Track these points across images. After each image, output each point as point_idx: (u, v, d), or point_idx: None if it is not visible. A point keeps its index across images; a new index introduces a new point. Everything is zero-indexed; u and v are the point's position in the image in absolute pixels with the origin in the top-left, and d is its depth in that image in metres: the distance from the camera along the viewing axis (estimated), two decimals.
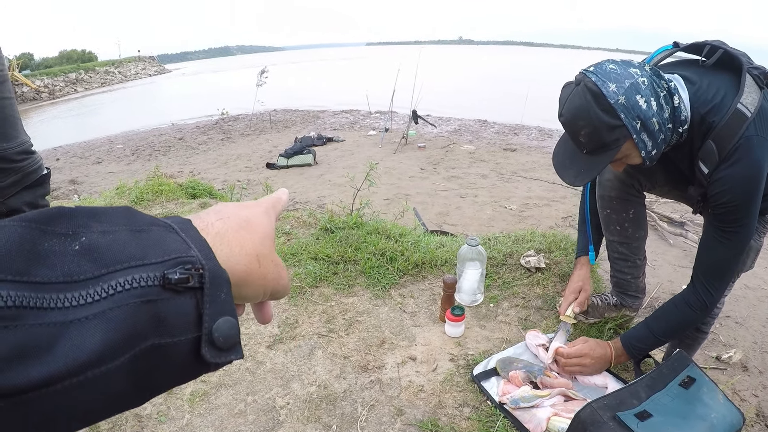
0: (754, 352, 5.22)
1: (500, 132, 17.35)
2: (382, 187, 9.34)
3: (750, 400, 4.46)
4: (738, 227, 1.99)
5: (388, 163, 11.57)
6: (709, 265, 2.14)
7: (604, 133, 1.82)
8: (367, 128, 16.66)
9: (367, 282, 3.00)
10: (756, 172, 1.89)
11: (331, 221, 3.53)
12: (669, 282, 6.41)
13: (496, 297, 2.96)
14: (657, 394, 1.98)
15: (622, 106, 1.79)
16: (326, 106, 21.59)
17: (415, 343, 2.56)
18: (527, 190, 9.90)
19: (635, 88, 1.81)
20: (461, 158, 12.58)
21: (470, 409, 2.19)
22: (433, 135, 15.66)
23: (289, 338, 2.57)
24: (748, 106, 1.88)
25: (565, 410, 2.08)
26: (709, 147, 1.93)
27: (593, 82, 1.81)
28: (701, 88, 1.95)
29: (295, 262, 3.14)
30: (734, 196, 1.91)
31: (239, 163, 11.86)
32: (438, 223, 7.63)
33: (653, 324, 2.30)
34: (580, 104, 1.82)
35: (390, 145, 13.35)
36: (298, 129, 16.35)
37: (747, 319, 5.86)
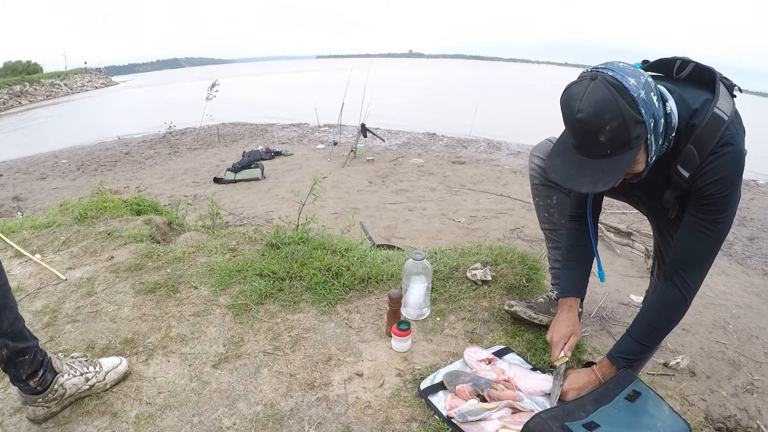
0: (701, 357, 5.30)
1: (449, 145, 17.48)
2: (330, 201, 9.34)
3: (698, 405, 4.53)
4: (722, 217, 2.02)
5: (336, 176, 11.58)
6: (688, 257, 2.16)
7: (630, 127, 1.73)
8: (315, 142, 16.67)
9: (313, 298, 2.96)
10: (740, 163, 1.94)
11: (277, 237, 3.50)
12: (617, 291, 6.50)
13: (443, 310, 2.94)
14: (604, 407, 2.01)
15: (643, 101, 1.74)
16: (275, 119, 21.54)
17: (362, 359, 2.54)
18: (475, 202, 9.98)
19: (649, 86, 1.79)
20: (410, 171, 12.65)
21: (418, 424, 2.17)
22: (381, 148, 15.71)
23: (234, 357, 2.53)
24: (724, 110, 1.92)
25: (512, 422, 2.08)
26: (690, 151, 1.96)
27: (611, 76, 1.74)
28: (681, 97, 1.98)
29: (240, 279, 3.10)
30: (721, 186, 1.94)
31: (186, 178, 11.76)
32: (386, 236, 7.64)
33: (636, 332, 2.31)
34: (604, 96, 1.71)
35: (339, 158, 13.35)
36: (246, 143, 16.30)
37: (693, 326, 5.95)
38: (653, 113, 1.77)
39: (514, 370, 2.42)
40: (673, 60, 2.14)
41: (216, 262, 3.27)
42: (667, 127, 1.91)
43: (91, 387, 2.26)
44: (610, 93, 1.70)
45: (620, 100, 1.70)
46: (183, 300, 2.93)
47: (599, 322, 5.68)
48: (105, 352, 2.55)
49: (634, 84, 1.73)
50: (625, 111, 1.70)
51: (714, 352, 5.59)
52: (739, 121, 1.99)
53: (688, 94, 2.00)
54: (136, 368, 2.44)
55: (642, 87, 1.74)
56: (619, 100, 1.70)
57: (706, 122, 1.91)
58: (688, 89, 2.02)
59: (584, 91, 1.75)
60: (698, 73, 2.07)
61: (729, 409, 4.66)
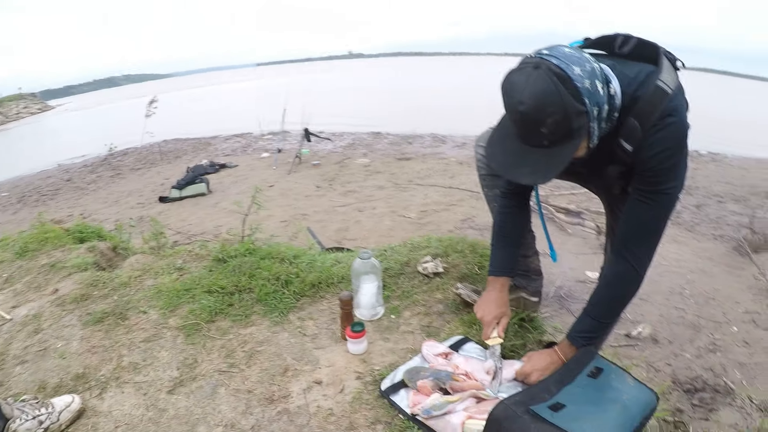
0: (662, 324, 5.37)
1: (394, 142, 17.50)
2: (278, 209, 9.28)
3: (664, 370, 4.58)
4: (667, 189, 2.01)
5: (283, 184, 11.52)
6: (637, 231, 2.15)
7: (573, 120, 1.71)
8: (260, 151, 16.52)
9: (264, 309, 2.91)
10: (683, 134, 1.94)
11: (224, 251, 3.43)
12: (571, 269, 6.55)
13: (397, 307, 2.93)
14: (567, 387, 2.00)
15: (587, 91, 1.71)
16: (217, 131, 21.25)
17: (319, 366, 2.50)
18: (424, 197, 9.99)
19: (594, 74, 1.76)
20: (357, 172, 12.64)
21: (383, 425, 2.15)
22: (327, 151, 15.67)
23: (189, 380, 2.47)
24: (667, 83, 1.90)
25: (478, 412, 2.06)
26: (632, 124, 1.94)
27: (555, 65, 1.68)
28: (623, 72, 1.95)
29: (189, 298, 3.03)
30: (664, 158, 1.94)
31: (131, 200, 11.57)
32: (338, 239, 7.60)
33: (593, 310, 2.31)
34: (546, 88, 1.66)
35: (284, 165, 13.26)
36: (189, 158, 16.08)
37: (651, 295, 6.01)
38: (597, 102, 1.75)
39: (471, 364, 2.40)
40: (614, 36, 2.12)
41: (163, 284, 3.19)
42: (611, 109, 1.88)
43: (46, 430, 2.19)
44: (553, 84, 1.66)
45: (563, 91, 1.66)
46: (132, 326, 2.85)
47: (558, 302, 5.70)
48: (57, 391, 2.47)
49: (579, 73, 1.69)
50: (567, 103, 1.67)
51: (674, 318, 5.65)
52: (682, 94, 1.98)
53: (630, 69, 1.98)
54: (90, 404, 2.37)
55: (587, 76, 1.71)
56: (563, 92, 1.66)
57: (649, 95, 1.89)
58: (631, 64, 2.01)
59: (527, 81, 1.70)
60: (641, 48, 2.06)
61: (695, 370, 4.71)
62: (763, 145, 20.22)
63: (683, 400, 4.31)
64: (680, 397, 4.37)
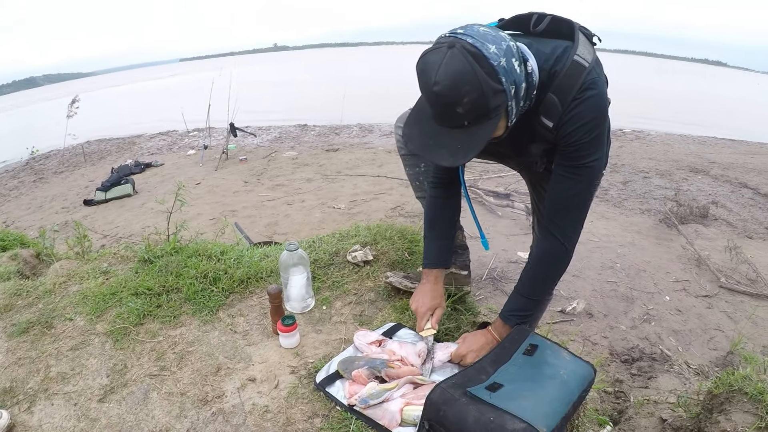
0: (595, 299, 5.47)
1: (321, 134, 17.53)
2: (206, 207, 9.20)
3: (601, 343, 4.65)
4: (589, 162, 2.02)
5: (210, 181, 11.41)
6: (562, 206, 2.15)
7: (489, 99, 1.68)
8: (186, 148, 16.33)
9: (193, 309, 2.84)
10: (603, 107, 1.96)
11: (149, 251, 3.35)
12: (503, 251, 6.62)
13: (328, 298, 2.90)
14: (503, 366, 2.01)
15: (503, 69, 1.69)
16: (142, 130, 20.87)
17: (252, 363, 2.46)
18: (353, 187, 10.01)
19: (510, 52, 1.74)
20: (284, 165, 12.60)
21: (320, 419, 2.12)
22: (254, 146, 15.59)
23: (120, 386, 2.39)
24: (584, 57, 1.91)
25: (416, 397, 2.06)
26: (551, 100, 1.94)
27: (470, 43, 1.66)
28: (539, 50, 1.95)
29: (116, 302, 2.93)
30: (585, 132, 1.94)
31: (55, 205, 11.28)
32: (268, 234, 7.57)
33: (524, 288, 2.31)
34: (461, 68, 1.64)
35: (211, 162, 13.14)
36: (114, 159, 15.76)
37: (583, 271, 6.11)
38: (514, 80, 1.74)
39: (406, 349, 2.39)
40: (529, 15, 2.12)
41: (89, 289, 3.09)
42: (529, 87, 1.87)
43: None
44: (468, 63, 1.65)
45: (479, 70, 1.65)
46: (59, 335, 2.75)
47: (492, 283, 5.75)
48: None
49: (495, 52, 1.68)
50: (483, 82, 1.66)
51: (607, 292, 5.76)
52: (600, 68, 1.99)
53: (546, 45, 1.99)
54: (19, 419, 2.27)
55: (503, 54, 1.70)
56: (478, 71, 1.65)
57: (566, 70, 1.90)
58: (547, 42, 2.01)
59: (441, 61, 1.68)
60: (556, 25, 2.06)
61: (631, 341, 4.80)
62: (684, 121, 20.77)
63: (622, 371, 4.38)
64: (619, 367, 4.45)
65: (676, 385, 4.01)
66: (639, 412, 3.51)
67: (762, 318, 5.49)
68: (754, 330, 5.25)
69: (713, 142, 17.50)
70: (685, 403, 3.27)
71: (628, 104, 22.36)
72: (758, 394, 2.44)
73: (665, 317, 5.36)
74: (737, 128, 20.75)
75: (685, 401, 3.30)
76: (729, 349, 4.77)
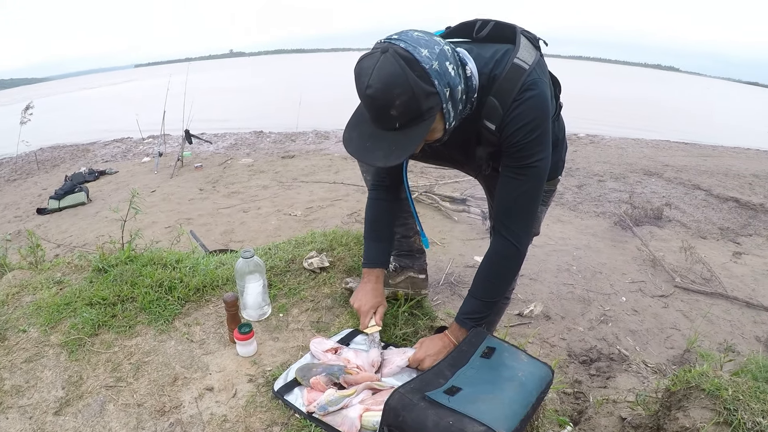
0: (553, 301, 5.52)
1: (277, 141, 17.48)
2: (161, 215, 9.12)
3: (559, 345, 4.69)
4: (535, 161, 2.04)
5: (165, 188, 11.30)
6: (511, 206, 2.18)
7: (421, 101, 1.73)
8: (140, 155, 16.13)
9: (148, 318, 2.80)
10: (544, 106, 1.98)
11: (104, 260, 3.30)
12: (460, 256, 6.65)
13: (285, 305, 2.89)
14: (461, 370, 2.02)
15: (436, 72, 1.73)
16: (97, 137, 20.57)
17: (210, 372, 2.43)
18: (310, 194, 10.02)
19: (444, 55, 1.78)
20: (240, 172, 12.55)
21: (279, 427, 2.11)
22: (209, 153, 15.48)
23: (75, 398, 2.34)
24: (525, 59, 1.95)
25: (375, 403, 2.06)
26: (492, 103, 1.98)
27: (403, 48, 1.71)
28: (480, 54, 2.00)
29: (70, 312, 2.87)
30: (527, 131, 1.97)
31: (7, 214, 11.07)
32: (224, 242, 7.54)
33: (477, 291, 2.33)
34: (393, 71, 1.69)
35: (166, 169, 13.00)
36: (68, 166, 15.51)
37: (540, 274, 6.17)
38: (448, 83, 1.78)
39: (361, 357, 2.40)
40: (473, 22, 2.16)
41: (43, 299, 3.03)
42: (468, 90, 1.92)
43: None
44: (399, 67, 1.69)
45: (410, 73, 1.69)
46: (12, 347, 2.69)
47: (449, 288, 5.77)
48: None
49: (427, 55, 1.72)
50: (414, 85, 1.70)
51: (564, 294, 5.82)
52: (542, 69, 2.03)
53: (487, 50, 2.03)
54: None
55: (435, 57, 1.74)
56: (409, 74, 1.69)
57: (506, 73, 1.94)
58: (488, 46, 2.05)
59: (374, 66, 1.73)
60: (499, 30, 2.10)
61: (588, 342, 4.85)
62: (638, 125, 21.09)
63: (580, 371, 4.42)
64: (577, 368, 4.48)
65: (634, 384, 4.06)
66: (598, 412, 3.54)
67: (717, 316, 5.59)
68: (710, 328, 5.34)
69: (666, 145, 17.80)
70: (644, 401, 3.30)
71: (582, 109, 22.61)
72: (715, 390, 2.47)
73: (622, 318, 5.42)
74: (690, 131, 21.13)
75: (643, 399, 3.34)
76: (686, 347, 4.84)
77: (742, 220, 9.39)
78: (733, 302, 6.03)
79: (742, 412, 2.35)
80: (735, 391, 2.46)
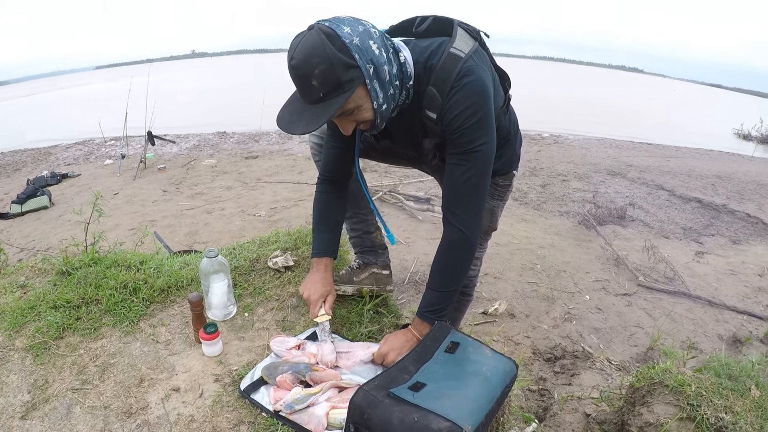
0: (517, 299, 5.56)
1: (240, 141, 17.43)
2: (125, 217, 9.04)
3: (524, 342, 4.72)
4: (478, 146, 2.08)
5: (128, 191, 11.19)
6: (456, 194, 2.20)
7: (339, 70, 1.81)
8: (103, 158, 15.97)
9: (113, 320, 2.78)
10: (482, 91, 2.01)
11: (67, 263, 3.27)
12: (425, 255, 6.68)
13: (250, 305, 2.89)
14: (426, 365, 2.03)
15: (356, 47, 1.83)
16: (58, 140, 20.26)
17: (176, 373, 2.43)
18: (273, 194, 10.00)
19: (368, 34, 1.89)
20: (203, 173, 12.49)
21: (246, 426, 2.11)
22: (172, 154, 15.37)
23: (42, 402, 2.32)
24: (461, 49, 2.00)
25: (341, 401, 2.09)
26: (431, 92, 2.05)
27: (326, 26, 1.82)
28: (417, 45, 2.09)
29: (34, 316, 2.84)
30: (467, 116, 2.01)
31: None
32: (188, 243, 7.50)
33: (433, 282, 2.36)
34: (313, 43, 1.80)
35: (129, 171, 12.89)
36: (29, 170, 15.29)
37: (504, 273, 6.21)
38: (371, 59, 1.88)
39: (323, 348, 2.43)
40: (414, 18, 2.24)
41: (6, 303, 2.99)
42: (402, 76, 2.02)
43: None
44: (320, 40, 1.80)
45: (328, 45, 1.80)
46: None
47: (414, 287, 5.79)
48: None
49: (348, 31, 1.84)
50: (332, 55, 1.80)
51: (528, 292, 5.86)
52: (481, 58, 2.09)
53: (424, 42, 2.12)
54: None
55: (357, 34, 1.85)
56: (327, 46, 1.79)
57: (442, 62, 2.00)
58: (426, 40, 2.14)
59: (300, 41, 1.84)
60: (437, 24, 2.19)
61: (553, 339, 4.89)
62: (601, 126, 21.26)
63: (545, 369, 4.45)
64: (542, 366, 4.52)
65: (598, 381, 4.09)
66: (563, 409, 3.57)
67: (680, 314, 5.66)
68: (673, 326, 5.41)
69: (630, 146, 18.00)
70: (608, 398, 3.35)
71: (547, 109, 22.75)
72: (679, 386, 2.51)
73: (586, 316, 5.47)
74: (653, 132, 21.35)
75: (607, 396, 3.38)
76: (649, 345, 4.90)
77: (704, 221, 9.52)
78: (695, 301, 6.12)
79: (705, 408, 2.39)
80: (698, 387, 2.50)
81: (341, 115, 2.00)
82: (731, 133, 25.92)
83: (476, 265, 3.16)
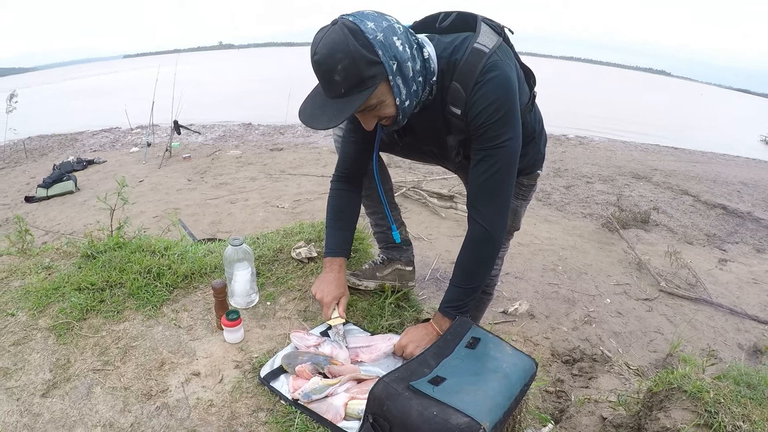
0: (537, 300, 5.53)
1: (266, 133, 17.46)
2: (150, 204, 9.07)
3: (543, 343, 4.70)
4: (503, 141, 2.06)
5: (153, 178, 11.26)
6: (482, 190, 2.19)
7: (362, 66, 1.81)
8: (129, 145, 16.08)
9: (136, 304, 2.80)
10: (507, 86, 2.00)
11: (92, 246, 3.29)
12: (447, 252, 6.66)
13: (272, 294, 2.90)
14: (446, 359, 2.02)
15: (380, 43, 1.82)
16: (85, 126, 20.42)
17: (197, 358, 2.44)
18: (297, 186, 9.99)
19: (392, 30, 1.87)
20: (228, 164, 12.51)
21: (265, 413, 2.12)
22: (197, 144, 15.44)
23: (63, 381, 2.34)
24: (485, 44, 1.99)
25: (360, 392, 2.09)
26: (455, 88, 2.03)
27: (350, 21, 1.81)
28: (441, 41, 2.07)
29: (58, 297, 2.87)
30: (492, 111, 1.99)
31: None
32: (211, 232, 7.52)
33: (456, 278, 2.36)
34: (337, 38, 1.80)
35: (154, 159, 12.97)
36: (56, 155, 15.41)
37: (525, 273, 6.18)
38: (395, 55, 1.87)
39: (340, 355, 2.41)
40: (437, 14, 2.26)
41: (31, 284, 3.02)
42: (426, 72, 2.00)
43: None
44: (344, 35, 1.79)
45: (352, 41, 1.79)
46: (0, 330, 2.69)
47: (435, 284, 5.78)
48: None
49: (372, 27, 1.83)
50: (355, 51, 1.79)
51: (549, 294, 5.83)
52: (505, 54, 2.07)
53: (448, 38, 2.10)
54: None
55: (381, 30, 1.84)
56: (351, 41, 1.79)
57: (466, 57, 1.99)
58: (450, 35, 2.12)
59: (323, 36, 1.84)
60: (461, 20, 2.19)
61: (572, 342, 4.86)
62: (627, 129, 21.12)
63: (563, 371, 4.43)
64: (560, 368, 4.50)
65: (616, 385, 4.07)
66: (580, 411, 3.56)
67: (701, 322, 5.62)
68: (693, 333, 5.37)
69: (656, 149, 17.86)
70: (625, 402, 3.32)
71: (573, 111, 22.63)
72: (697, 392, 2.50)
73: (606, 319, 5.44)
74: (680, 137, 21.19)
75: (625, 400, 3.36)
76: (668, 352, 4.86)
77: (729, 228, 9.46)
78: (717, 309, 6.07)
79: (723, 415, 2.38)
80: (716, 394, 2.48)
81: (363, 111, 2.00)
82: (758, 140, 25.66)
83: (497, 264, 3.14)
